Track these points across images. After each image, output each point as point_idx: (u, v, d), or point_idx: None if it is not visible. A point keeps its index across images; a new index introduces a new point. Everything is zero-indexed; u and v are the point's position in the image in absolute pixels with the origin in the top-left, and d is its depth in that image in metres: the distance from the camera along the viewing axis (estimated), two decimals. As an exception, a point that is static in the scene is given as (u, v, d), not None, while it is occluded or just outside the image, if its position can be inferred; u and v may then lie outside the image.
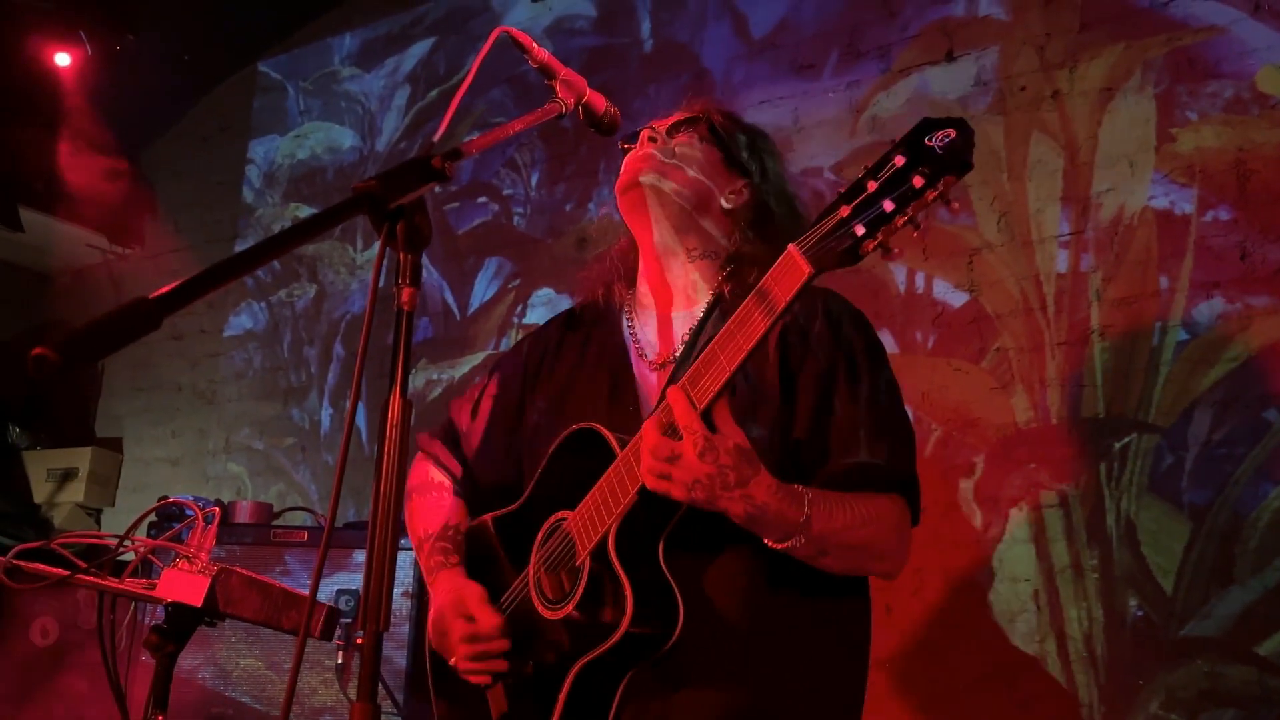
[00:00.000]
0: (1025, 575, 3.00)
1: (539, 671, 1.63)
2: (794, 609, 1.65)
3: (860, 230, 1.32)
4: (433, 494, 1.96)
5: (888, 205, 1.30)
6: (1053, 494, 3.01)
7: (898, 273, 3.44)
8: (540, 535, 1.71)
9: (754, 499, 1.47)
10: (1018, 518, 3.04)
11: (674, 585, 1.53)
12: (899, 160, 1.31)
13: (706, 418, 1.47)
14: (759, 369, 1.70)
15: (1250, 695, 2.65)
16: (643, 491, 1.51)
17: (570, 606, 1.60)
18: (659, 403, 1.56)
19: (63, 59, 5.10)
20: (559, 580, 1.64)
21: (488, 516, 1.86)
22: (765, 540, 1.53)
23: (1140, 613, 2.83)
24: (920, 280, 3.39)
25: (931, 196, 1.29)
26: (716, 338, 1.49)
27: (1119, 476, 2.94)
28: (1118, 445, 2.96)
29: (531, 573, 1.70)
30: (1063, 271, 3.14)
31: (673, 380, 1.65)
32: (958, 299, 3.31)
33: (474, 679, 1.71)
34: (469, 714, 1.76)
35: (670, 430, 1.49)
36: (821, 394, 1.66)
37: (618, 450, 1.59)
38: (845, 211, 1.34)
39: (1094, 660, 2.86)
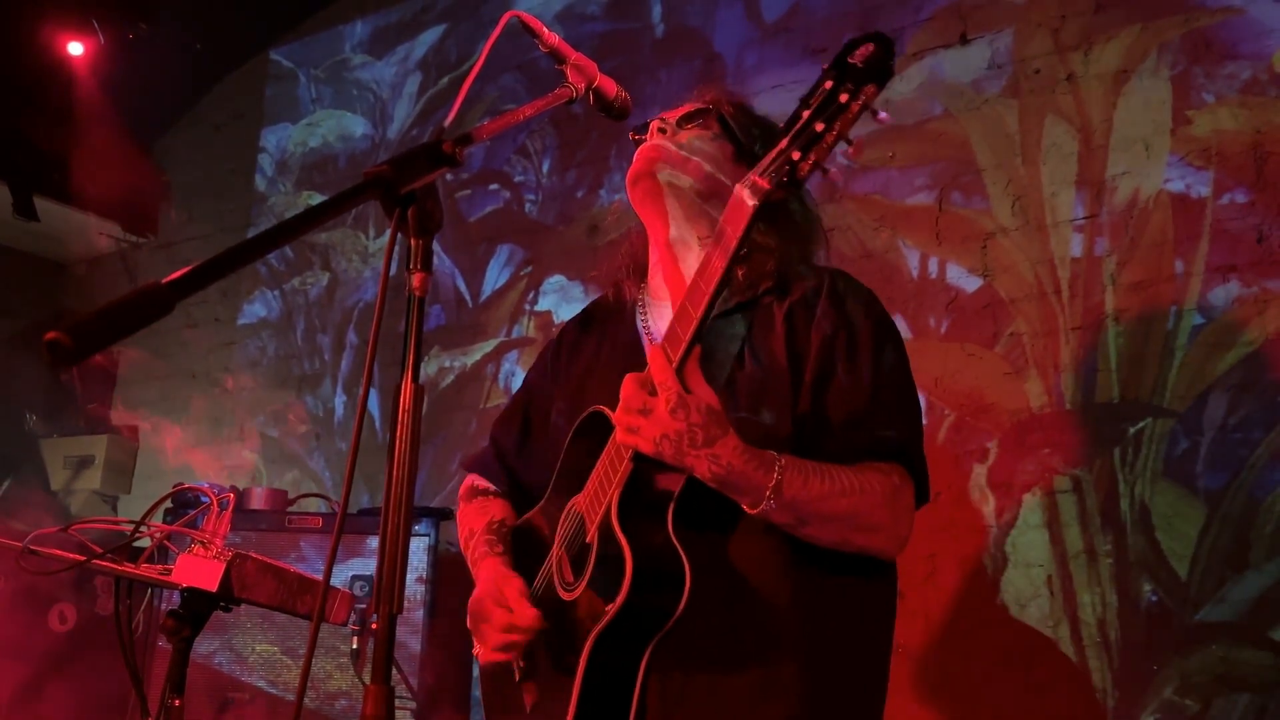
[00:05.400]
0: (1039, 560, 2.99)
1: (563, 656, 1.63)
2: (821, 588, 1.63)
3: (796, 155, 1.39)
4: (479, 499, 2.00)
5: (818, 126, 1.37)
6: (1066, 479, 3.00)
7: (911, 257, 3.42)
8: (561, 521, 1.72)
9: (720, 459, 1.48)
10: (1031, 503, 3.04)
11: (681, 552, 1.51)
12: (828, 84, 1.37)
13: (682, 376, 1.49)
14: (769, 351, 1.69)
15: (1265, 680, 2.64)
16: (637, 457, 1.52)
17: (583, 585, 1.60)
18: None
19: (76, 48, 5.10)
20: (574, 561, 1.65)
21: (529, 514, 1.88)
22: (743, 506, 1.53)
23: (1154, 598, 2.82)
24: (934, 265, 3.38)
25: (856, 108, 1.35)
26: (685, 293, 1.52)
27: (1133, 461, 2.92)
28: (1132, 430, 2.94)
29: (553, 559, 1.71)
30: (1077, 256, 3.12)
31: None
32: (971, 284, 3.30)
33: (497, 658, 1.73)
34: (511, 705, 1.78)
35: (648, 386, 1.51)
36: (821, 369, 1.66)
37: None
38: (784, 143, 1.41)
39: (1108, 645, 2.85)
